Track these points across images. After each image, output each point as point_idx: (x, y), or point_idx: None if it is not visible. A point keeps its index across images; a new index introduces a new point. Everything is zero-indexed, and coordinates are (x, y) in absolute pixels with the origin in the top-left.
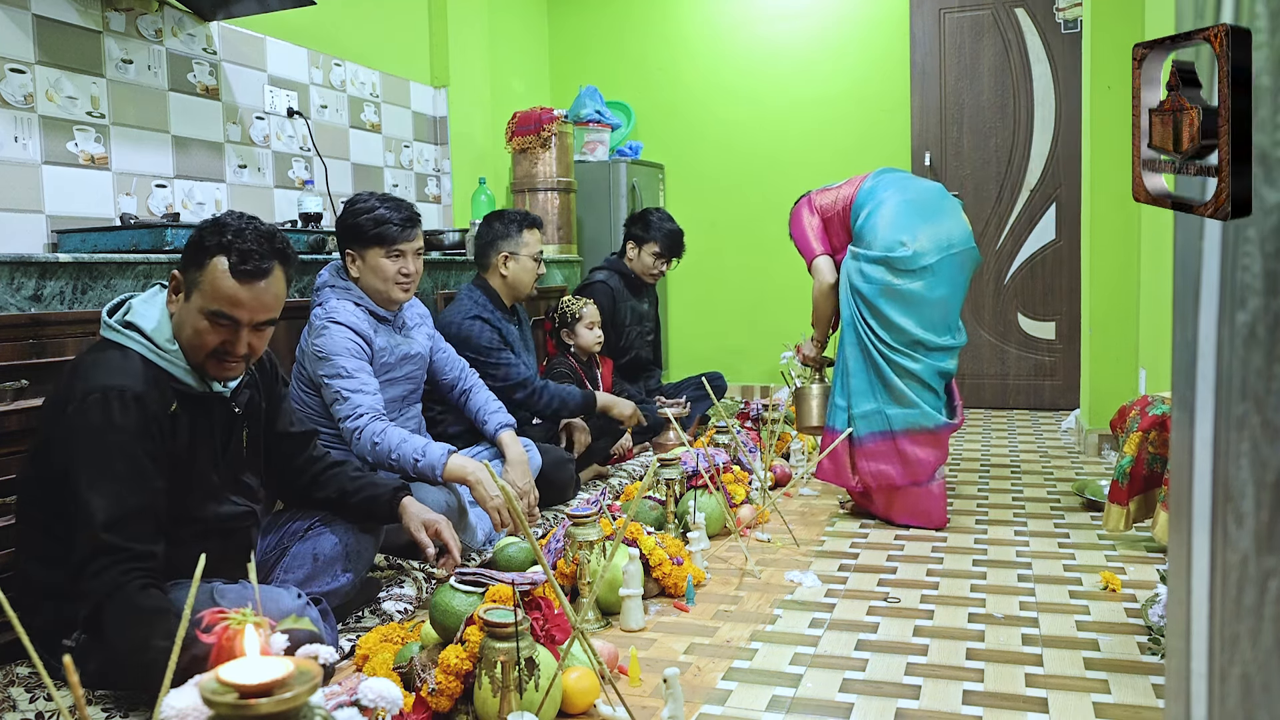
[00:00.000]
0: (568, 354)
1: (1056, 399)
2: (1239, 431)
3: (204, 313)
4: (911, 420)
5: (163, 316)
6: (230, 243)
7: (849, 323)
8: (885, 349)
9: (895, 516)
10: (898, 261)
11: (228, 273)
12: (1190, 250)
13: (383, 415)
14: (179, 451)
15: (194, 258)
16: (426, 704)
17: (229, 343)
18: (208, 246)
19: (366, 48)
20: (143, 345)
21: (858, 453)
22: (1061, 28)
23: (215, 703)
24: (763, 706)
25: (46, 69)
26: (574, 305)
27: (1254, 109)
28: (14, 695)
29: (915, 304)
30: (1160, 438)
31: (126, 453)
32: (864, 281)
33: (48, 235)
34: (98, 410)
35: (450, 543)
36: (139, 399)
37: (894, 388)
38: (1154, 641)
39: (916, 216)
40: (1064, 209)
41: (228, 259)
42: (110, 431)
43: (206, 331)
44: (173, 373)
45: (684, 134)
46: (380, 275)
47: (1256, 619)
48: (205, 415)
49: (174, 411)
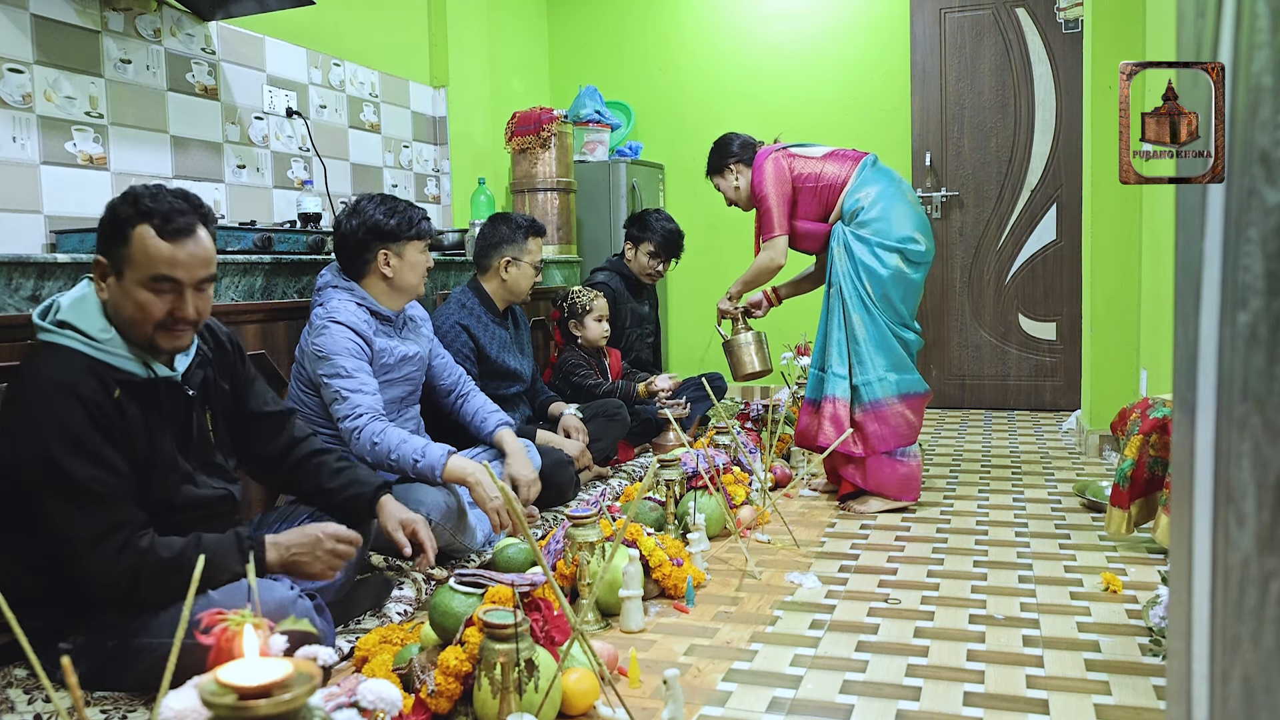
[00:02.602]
0: (575, 345)
1: (1057, 400)
2: (1240, 432)
3: (143, 283)
4: (910, 385)
5: (94, 308)
6: (151, 209)
7: (857, 298)
8: (889, 322)
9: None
10: (912, 254)
11: (156, 237)
12: (1191, 250)
13: (382, 415)
14: (134, 437)
15: (115, 234)
16: (426, 705)
17: (176, 308)
18: (126, 219)
19: (366, 48)
20: (77, 340)
21: (865, 417)
22: (1062, 28)
23: (214, 704)
24: (763, 708)
25: (45, 69)
26: (584, 297)
27: (1254, 109)
28: (12, 697)
29: (913, 291)
30: (1161, 440)
31: (81, 443)
32: (881, 266)
33: (46, 235)
34: (42, 406)
35: (425, 543)
36: (74, 385)
37: (896, 354)
38: (1155, 643)
39: (916, 215)
40: (1065, 209)
41: (150, 224)
42: (57, 427)
43: (150, 303)
44: (112, 363)
45: (684, 134)
46: (418, 270)
47: (1258, 620)
48: (154, 400)
49: (117, 397)
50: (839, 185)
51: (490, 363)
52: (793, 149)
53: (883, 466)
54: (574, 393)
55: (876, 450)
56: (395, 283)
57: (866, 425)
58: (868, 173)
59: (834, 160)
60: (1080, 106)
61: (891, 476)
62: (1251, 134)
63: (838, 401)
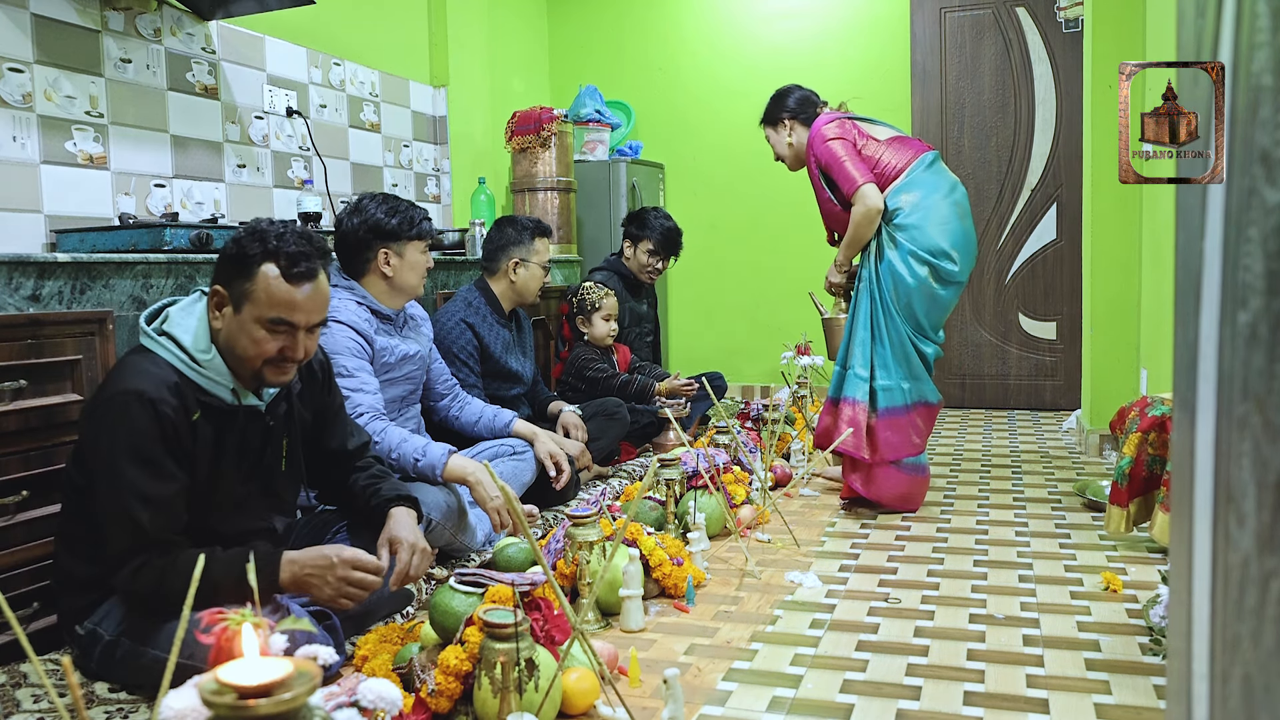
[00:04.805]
0: (583, 341)
1: (1057, 399)
2: (1240, 432)
3: (261, 322)
4: (923, 395)
5: (200, 328)
6: (276, 249)
7: (880, 301)
8: (909, 332)
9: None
10: (943, 271)
11: (281, 279)
12: (1192, 250)
13: (383, 415)
14: (200, 461)
15: (238, 269)
16: (426, 705)
17: (288, 348)
18: (252, 256)
19: (366, 47)
20: (175, 356)
21: (879, 423)
22: (1063, 27)
23: (214, 703)
24: (763, 707)
25: (45, 68)
26: (594, 294)
27: (1254, 109)
28: (19, 697)
29: (939, 308)
30: (1159, 439)
31: (142, 453)
32: (909, 274)
33: (46, 235)
34: (119, 410)
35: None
36: (155, 403)
37: (913, 364)
38: (1155, 642)
39: (960, 231)
40: (1065, 209)
41: (277, 265)
42: (127, 433)
43: (265, 340)
44: (203, 385)
45: (684, 134)
46: (418, 270)
47: (1258, 620)
48: (232, 427)
49: (196, 419)
50: (890, 176)
51: (493, 362)
52: (859, 121)
53: (888, 476)
54: (588, 387)
55: (885, 458)
56: (395, 282)
57: (879, 431)
58: (919, 173)
59: (895, 147)
60: (1080, 106)
61: (895, 488)
62: (1251, 134)
63: (857, 405)
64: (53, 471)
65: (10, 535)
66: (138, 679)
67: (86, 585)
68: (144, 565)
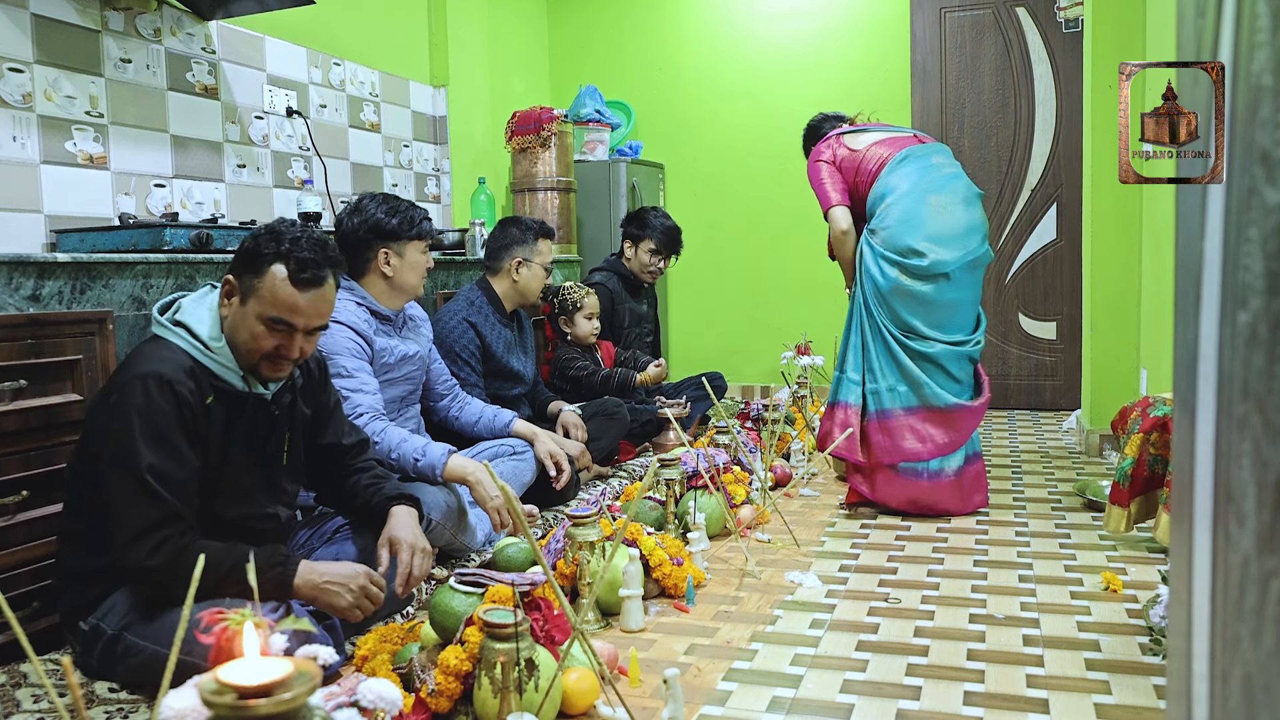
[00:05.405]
0: (565, 341)
1: (1057, 399)
2: (1240, 432)
3: (261, 318)
4: (919, 399)
5: (212, 317)
6: (288, 251)
7: (865, 305)
8: (899, 333)
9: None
10: (913, 268)
11: (287, 280)
12: (1191, 250)
13: (382, 415)
14: (212, 444)
15: (251, 265)
16: (426, 705)
17: (283, 347)
18: (265, 254)
19: (366, 47)
20: (189, 343)
21: (870, 426)
22: (1063, 27)
23: (214, 703)
24: (763, 707)
25: (45, 68)
26: (575, 294)
27: (1254, 109)
28: (19, 697)
29: (925, 304)
30: (1161, 439)
31: (162, 434)
32: (880, 275)
33: (46, 235)
34: (137, 393)
35: (401, 565)
36: (173, 384)
37: (905, 367)
38: (1155, 642)
39: (937, 221)
40: (1065, 209)
41: (286, 267)
42: (146, 415)
43: (263, 336)
44: (215, 370)
45: (684, 134)
46: (418, 270)
47: (1258, 620)
48: (242, 413)
49: (209, 403)
50: (870, 176)
51: (495, 362)
52: (845, 134)
53: (888, 480)
54: (572, 388)
55: (880, 461)
56: (395, 282)
57: (871, 435)
58: (885, 175)
59: (876, 151)
60: (1080, 106)
61: (898, 491)
62: (1251, 134)
63: (849, 409)
64: (53, 471)
65: (10, 535)
66: (139, 676)
67: (89, 581)
68: (165, 541)
